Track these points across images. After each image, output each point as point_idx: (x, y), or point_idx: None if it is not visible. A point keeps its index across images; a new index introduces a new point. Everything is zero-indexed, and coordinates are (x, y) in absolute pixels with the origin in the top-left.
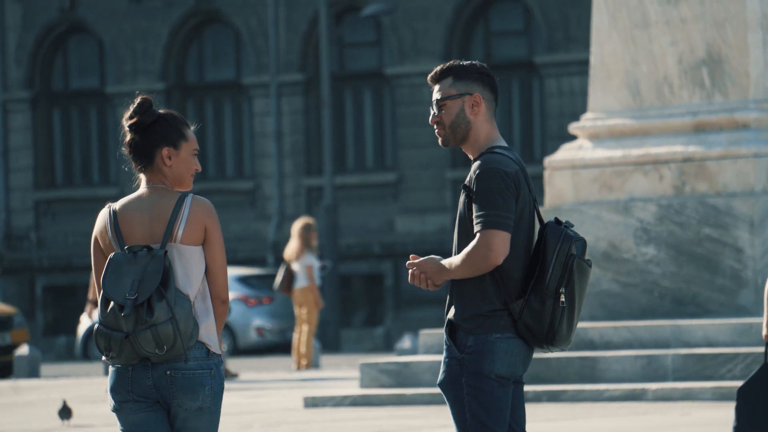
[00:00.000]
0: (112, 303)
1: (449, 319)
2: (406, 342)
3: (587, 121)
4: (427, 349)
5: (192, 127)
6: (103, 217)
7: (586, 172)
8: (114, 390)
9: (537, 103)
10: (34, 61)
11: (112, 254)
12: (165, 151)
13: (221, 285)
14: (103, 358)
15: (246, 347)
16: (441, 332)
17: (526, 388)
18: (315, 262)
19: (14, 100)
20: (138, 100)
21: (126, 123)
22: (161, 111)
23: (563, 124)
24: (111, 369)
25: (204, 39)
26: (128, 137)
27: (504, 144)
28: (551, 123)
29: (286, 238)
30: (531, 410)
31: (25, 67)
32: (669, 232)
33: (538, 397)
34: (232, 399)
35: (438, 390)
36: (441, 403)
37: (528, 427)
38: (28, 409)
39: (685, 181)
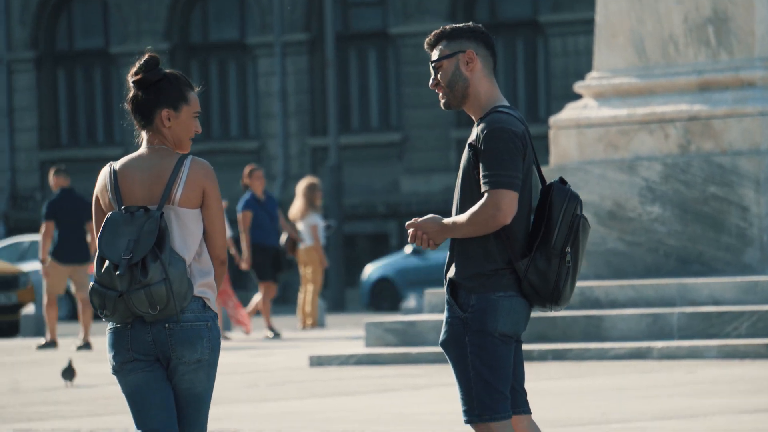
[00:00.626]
0: (107, 262)
1: (451, 278)
2: (411, 301)
3: (592, 80)
4: (432, 308)
5: (196, 89)
6: (103, 175)
7: (591, 131)
8: (114, 349)
9: (542, 63)
10: (38, 22)
11: (110, 214)
12: (165, 112)
13: (220, 247)
14: (101, 316)
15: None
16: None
17: (532, 347)
18: (320, 222)
19: (19, 60)
20: (145, 57)
21: (131, 79)
22: (167, 71)
23: (568, 84)
24: (108, 330)
25: None
26: (131, 93)
27: (506, 103)
28: (556, 82)
29: (290, 198)
30: (536, 369)
31: (29, 28)
32: (674, 190)
33: (544, 356)
34: (237, 358)
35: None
36: (446, 361)
37: (533, 385)
38: (34, 368)
39: (691, 140)
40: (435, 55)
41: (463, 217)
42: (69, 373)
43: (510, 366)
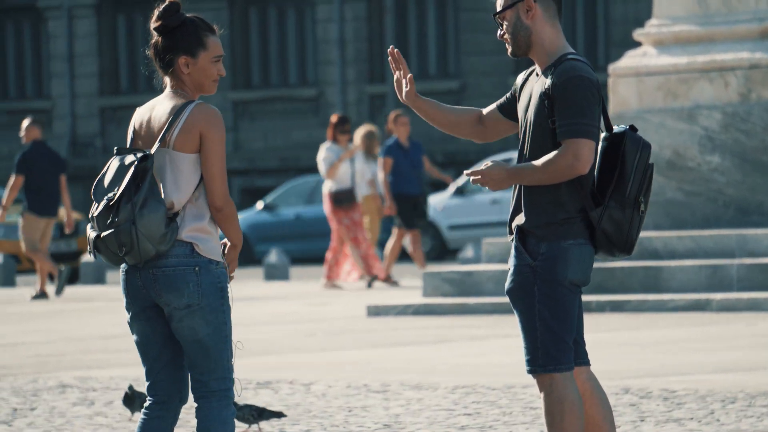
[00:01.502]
0: (95, 203)
1: (519, 226)
2: (468, 251)
3: (652, 27)
4: (489, 258)
5: (218, 32)
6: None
7: (650, 79)
8: (125, 297)
9: (601, 10)
10: None
11: (112, 157)
12: (182, 59)
13: (215, 193)
14: (91, 255)
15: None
16: (503, 241)
17: (590, 298)
18: (378, 171)
19: (79, 6)
20: (166, 2)
21: (151, 25)
22: (187, 15)
23: (627, 31)
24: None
25: None
26: (153, 39)
27: (572, 50)
28: (615, 30)
29: None
30: (594, 320)
31: None
32: (734, 140)
33: (602, 307)
34: (294, 308)
35: (500, 299)
36: (503, 312)
37: (591, 337)
38: (93, 315)
39: (751, 89)
40: (498, 6)
41: (536, 165)
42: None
43: (575, 316)
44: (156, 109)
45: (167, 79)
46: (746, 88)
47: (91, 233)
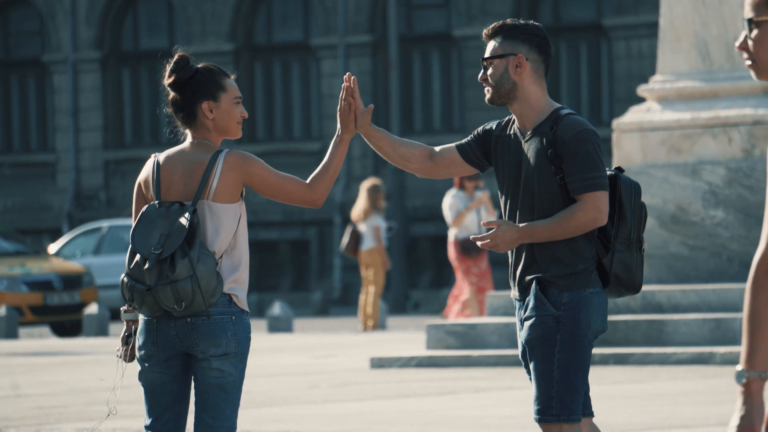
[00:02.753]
0: (138, 255)
1: (538, 278)
2: None
3: (656, 83)
4: (493, 311)
5: (232, 77)
6: (148, 167)
7: (654, 134)
8: (141, 340)
9: (605, 66)
10: (104, 22)
11: (145, 207)
12: (205, 105)
13: (302, 193)
14: (125, 308)
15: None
16: (507, 294)
17: (593, 350)
18: (382, 223)
19: (84, 60)
20: (175, 57)
21: (166, 82)
22: (198, 65)
23: (632, 87)
24: (140, 323)
25: (273, 0)
26: (170, 96)
27: (560, 105)
28: (619, 86)
29: (353, 199)
30: (598, 373)
31: (95, 28)
32: (738, 195)
33: (605, 360)
34: (298, 359)
35: (504, 351)
36: (507, 364)
37: (595, 389)
38: (97, 367)
39: (755, 144)
40: (488, 51)
41: (554, 222)
42: None
43: (588, 372)
44: (185, 161)
45: (188, 132)
46: (750, 144)
47: (132, 284)
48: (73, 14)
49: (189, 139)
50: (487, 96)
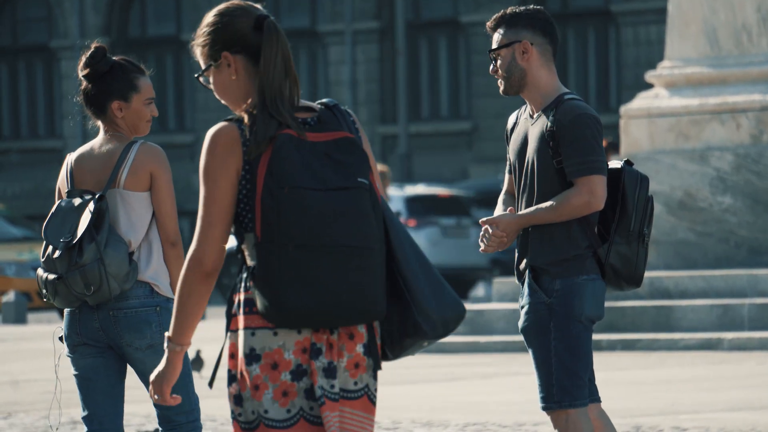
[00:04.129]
0: (51, 247)
1: (531, 265)
2: (479, 290)
3: (664, 69)
4: (500, 297)
5: (148, 74)
6: (63, 166)
7: (662, 120)
8: (67, 331)
9: (613, 52)
10: (111, 8)
11: (58, 202)
12: (115, 104)
13: (169, 230)
14: (44, 300)
15: None
16: (514, 280)
17: (601, 336)
18: None
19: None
20: (92, 48)
21: (80, 72)
22: (115, 59)
23: (639, 73)
24: (65, 314)
25: None
26: (82, 86)
27: (568, 90)
28: (627, 72)
29: None
30: (605, 359)
31: (102, 14)
32: (746, 181)
33: (613, 346)
34: None
35: (511, 338)
36: (514, 350)
37: (603, 375)
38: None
39: (763, 130)
40: (494, 42)
41: (549, 206)
42: (198, 363)
43: (590, 352)
44: (97, 152)
45: (100, 123)
46: (758, 130)
47: (46, 275)
48: (81, 1)
49: (101, 132)
50: (501, 87)
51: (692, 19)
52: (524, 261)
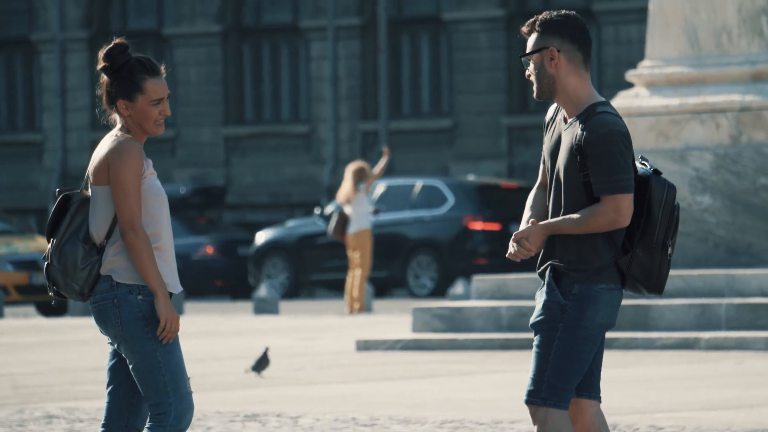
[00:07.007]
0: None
1: (554, 265)
2: (458, 287)
3: (644, 69)
4: (479, 295)
5: (163, 73)
6: None
7: (642, 120)
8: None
9: (594, 51)
10: (92, 1)
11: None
12: (121, 103)
13: (121, 220)
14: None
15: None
16: (494, 278)
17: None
18: (368, 207)
19: (72, 39)
20: (111, 44)
21: (98, 66)
22: (132, 57)
23: (620, 73)
24: None
25: None
26: (102, 79)
27: (601, 98)
28: (608, 71)
29: (340, 183)
30: None
31: (83, 7)
32: (725, 181)
33: None
34: (284, 341)
35: (490, 335)
36: (492, 348)
37: None
38: (83, 347)
39: (742, 131)
40: (528, 47)
41: (575, 220)
42: (263, 363)
43: (588, 361)
44: (97, 147)
45: (116, 117)
46: (737, 130)
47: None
48: None
49: (116, 127)
50: (534, 92)
51: (673, 18)
52: (545, 260)
